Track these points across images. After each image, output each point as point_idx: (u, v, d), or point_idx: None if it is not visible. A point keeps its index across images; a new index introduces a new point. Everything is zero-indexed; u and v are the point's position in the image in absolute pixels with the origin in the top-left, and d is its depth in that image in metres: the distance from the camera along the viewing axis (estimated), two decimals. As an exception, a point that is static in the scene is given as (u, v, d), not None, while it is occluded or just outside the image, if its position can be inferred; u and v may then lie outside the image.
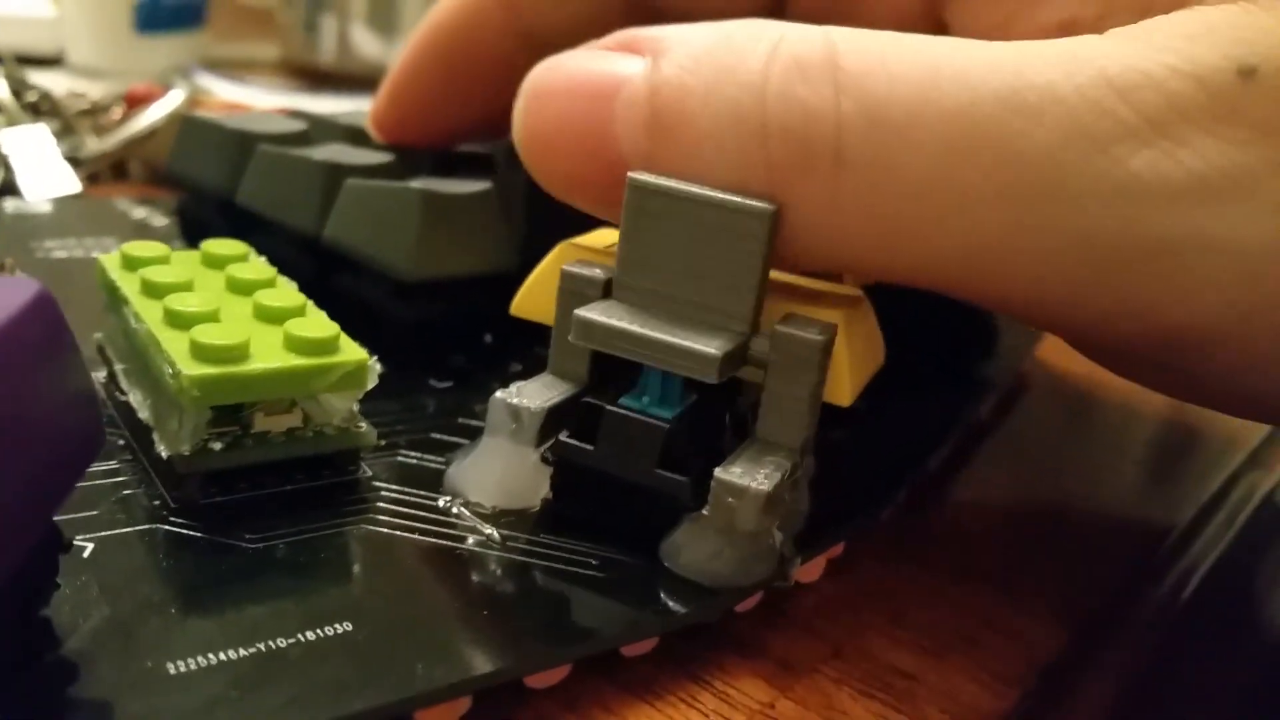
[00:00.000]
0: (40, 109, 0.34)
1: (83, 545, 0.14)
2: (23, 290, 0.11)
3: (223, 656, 0.13)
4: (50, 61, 0.46)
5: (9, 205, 0.27)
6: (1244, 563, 0.21)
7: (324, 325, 0.16)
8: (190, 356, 0.15)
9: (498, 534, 0.16)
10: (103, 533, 0.15)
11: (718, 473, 0.15)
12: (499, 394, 0.16)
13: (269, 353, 0.15)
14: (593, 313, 0.16)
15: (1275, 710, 0.17)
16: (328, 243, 0.22)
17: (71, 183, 0.29)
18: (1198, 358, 0.15)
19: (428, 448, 0.18)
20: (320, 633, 0.13)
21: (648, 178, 0.15)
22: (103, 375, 0.18)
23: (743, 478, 0.15)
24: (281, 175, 0.23)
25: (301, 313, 0.17)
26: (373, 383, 0.16)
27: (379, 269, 0.21)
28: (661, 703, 0.14)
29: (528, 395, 0.16)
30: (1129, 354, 0.17)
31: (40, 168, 0.29)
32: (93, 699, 0.12)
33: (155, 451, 0.16)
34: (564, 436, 0.16)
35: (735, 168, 0.15)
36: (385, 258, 0.21)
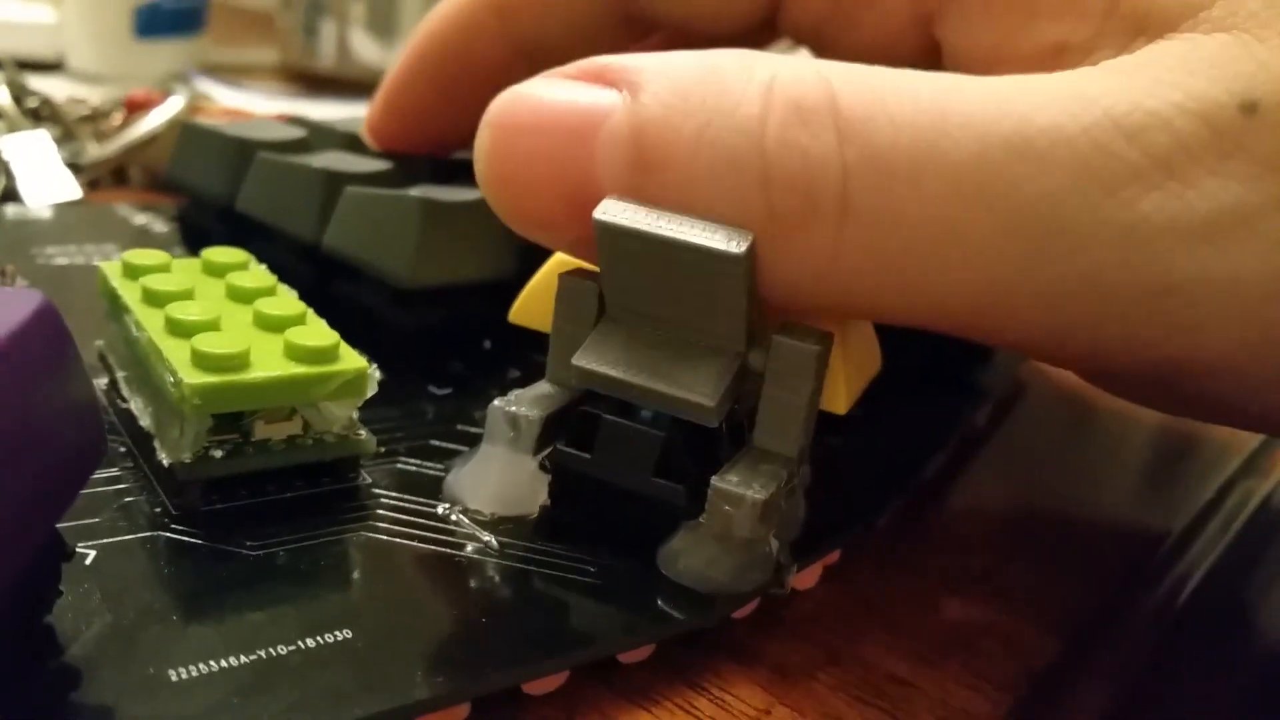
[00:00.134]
0: (41, 115, 0.34)
1: (85, 552, 0.14)
2: (26, 302, 0.11)
3: (224, 663, 0.13)
4: (50, 66, 0.46)
5: (9, 211, 0.27)
6: (1239, 568, 0.21)
7: (324, 334, 0.16)
8: (191, 365, 0.15)
9: (496, 541, 0.16)
10: (104, 540, 0.15)
11: (714, 481, 0.15)
12: (497, 402, 0.16)
13: (269, 361, 0.16)
14: (590, 360, 0.16)
15: (1270, 715, 0.17)
16: (327, 250, 0.22)
17: (72, 189, 0.29)
18: (1199, 386, 0.15)
19: (427, 455, 0.18)
20: (320, 640, 0.13)
21: (615, 219, 0.14)
22: (104, 382, 0.18)
23: (739, 486, 0.15)
24: (281, 183, 0.23)
25: (302, 321, 0.17)
26: (372, 391, 0.16)
27: (378, 276, 0.21)
28: (659, 709, 0.15)
29: (526, 403, 0.16)
30: (1133, 381, 0.17)
31: (41, 174, 0.29)
32: (95, 705, 0.12)
33: (156, 459, 0.16)
34: (562, 444, 0.16)
35: (732, 213, 0.14)
36: (384, 265, 0.21)
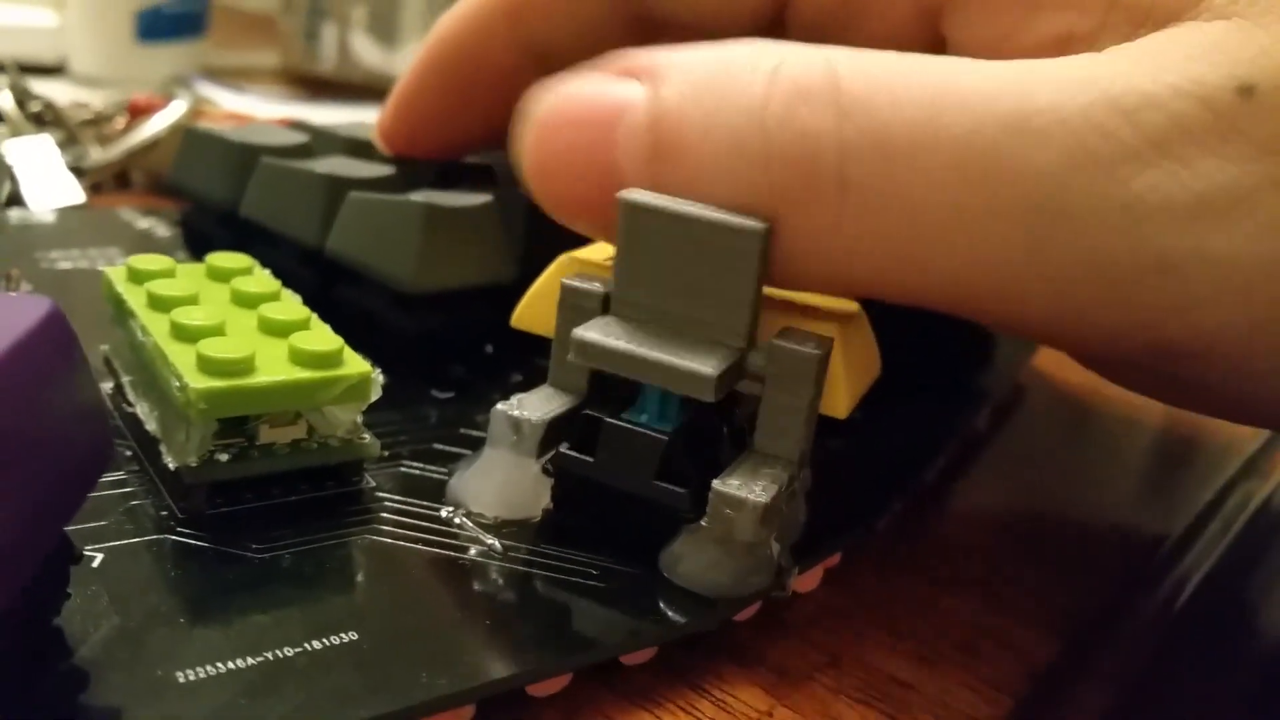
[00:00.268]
0: (44, 119, 0.34)
1: (92, 555, 0.14)
2: (35, 308, 0.12)
3: (230, 665, 0.13)
4: (52, 70, 0.46)
5: (13, 215, 0.28)
6: (1239, 570, 0.21)
7: (328, 338, 0.16)
8: (197, 370, 0.15)
9: (499, 544, 0.16)
10: (111, 543, 0.15)
11: (716, 484, 0.15)
12: (500, 406, 0.17)
13: (274, 366, 0.16)
14: (590, 332, 0.16)
15: (1270, 717, 0.17)
16: (330, 254, 0.22)
17: (75, 193, 0.30)
18: (1198, 369, 0.15)
19: (430, 458, 0.18)
20: (326, 642, 0.14)
21: (639, 196, 0.15)
22: (109, 387, 0.18)
23: (740, 489, 0.15)
24: (284, 188, 0.23)
25: (306, 326, 0.17)
26: (376, 395, 0.16)
27: (381, 281, 0.21)
28: (661, 711, 0.15)
29: (528, 407, 0.17)
30: (1129, 365, 0.17)
31: (45, 178, 0.30)
32: (103, 707, 0.12)
33: (162, 463, 0.16)
34: (564, 448, 0.16)
35: (738, 192, 0.15)
36: (387, 269, 0.21)
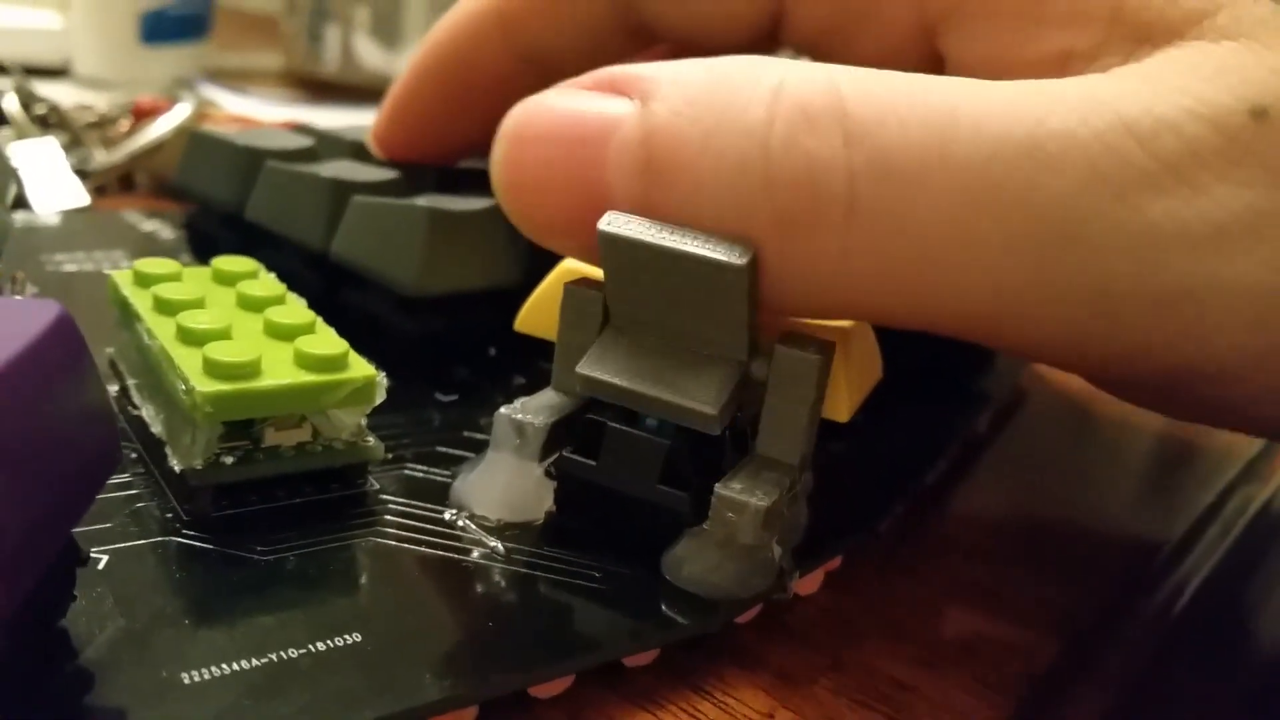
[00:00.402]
0: (49, 121, 0.34)
1: (98, 557, 0.15)
2: (44, 313, 0.12)
3: (235, 667, 0.13)
4: (56, 72, 0.46)
5: (18, 218, 0.28)
6: (1238, 574, 0.21)
7: (333, 342, 0.16)
8: (203, 373, 0.15)
9: (502, 547, 0.16)
10: (117, 545, 0.15)
11: (718, 488, 0.15)
12: (503, 409, 0.17)
13: (280, 369, 0.16)
14: (594, 368, 0.16)
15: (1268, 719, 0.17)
16: (335, 258, 0.22)
17: (80, 196, 0.30)
18: (1208, 393, 0.15)
19: (433, 461, 0.18)
20: (330, 643, 0.14)
21: (618, 230, 0.15)
22: (115, 390, 0.18)
23: (742, 493, 0.15)
24: (289, 191, 0.23)
25: (311, 330, 0.17)
26: (380, 398, 0.17)
27: (385, 284, 0.21)
28: (663, 712, 0.15)
29: (532, 411, 0.17)
30: (1142, 386, 0.17)
31: (49, 181, 0.30)
32: (109, 708, 0.12)
33: (168, 465, 0.16)
34: (567, 452, 0.16)
35: (737, 215, 0.14)
36: (391, 273, 0.21)
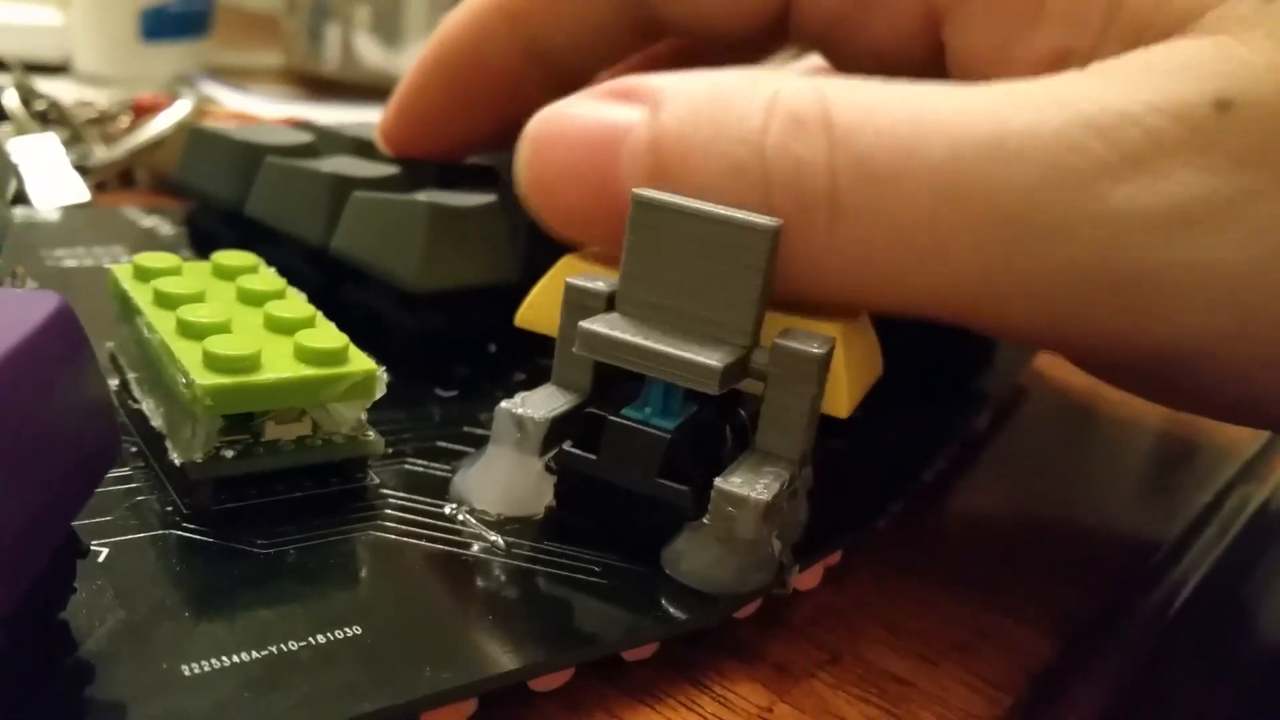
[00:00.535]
0: (49, 117, 0.34)
1: (98, 550, 0.15)
2: (44, 304, 0.12)
3: (235, 659, 0.13)
4: (56, 69, 0.46)
5: (19, 213, 0.28)
6: (1236, 572, 0.21)
7: (333, 336, 0.16)
8: (203, 367, 0.15)
9: (502, 541, 0.16)
10: (117, 538, 0.15)
11: (718, 483, 0.15)
12: (504, 404, 0.17)
13: (280, 363, 0.16)
14: (596, 325, 0.16)
15: (1264, 717, 0.17)
16: (335, 254, 0.22)
17: (80, 192, 0.30)
18: (1185, 372, 0.16)
19: (434, 456, 0.18)
20: (330, 636, 0.14)
21: (653, 194, 0.16)
22: (115, 383, 0.18)
23: (742, 488, 0.15)
24: (289, 187, 0.23)
25: (311, 324, 0.17)
26: (380, 392, 0.17)
27: (385, 280, 0.21)
28: (662, 706, 0.15)
29: (532, 405, 0.17)
30: (1121, 368, 0.18)
31: (50, 176, 0.30)
32: (109, 700, 0.12)
33: (168, 459, 0.16)
34: (567, 446, 0.16)
35: None
36: (392, 269, 0.21)
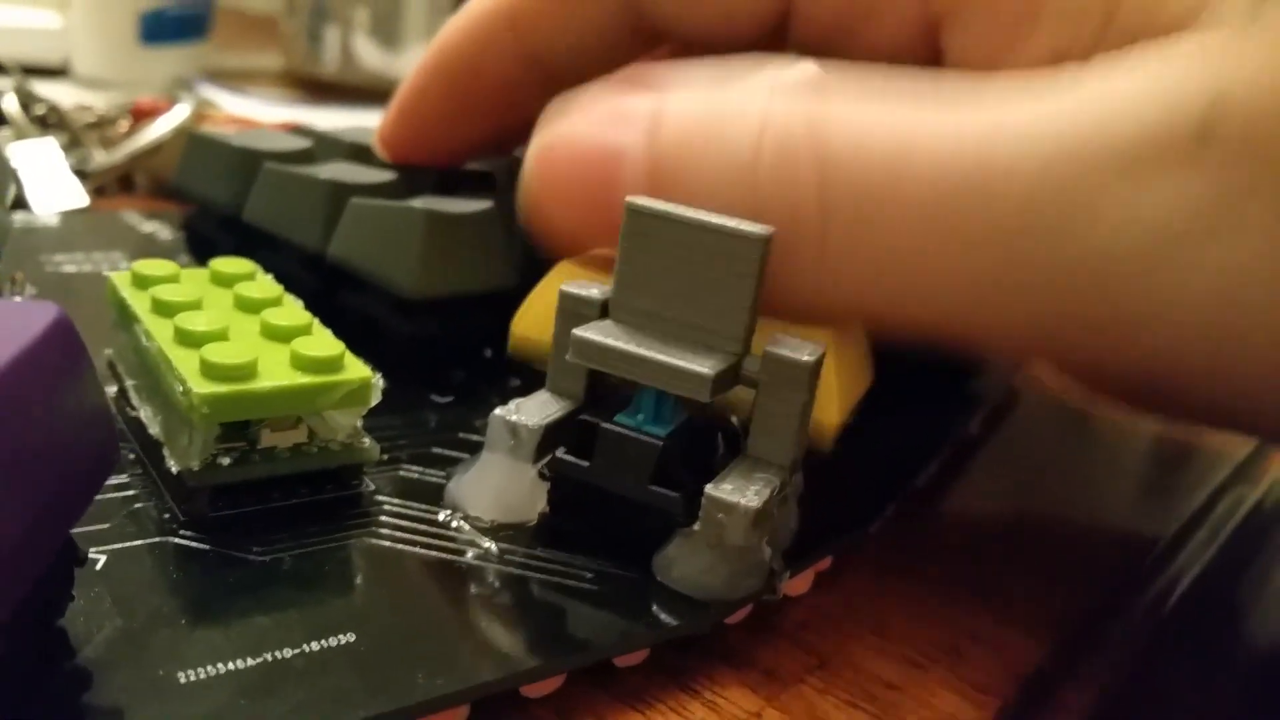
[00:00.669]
0: (48, 122, 0.34)
1: (96, 557, 0.15)
2: (42, 314, 0.12)
3: (231, 666, 0.13)
4: (55, 72, 0.46)
5: (17, 218, 0.28)
6: (1227, 574, 0.21)
7: (329, 344, 0.17)
8: (200, 375, 0.15)
9: (496, 547, 0.16)
10: (114, 545, 0.15)
11: (709, 489, 0.15)
12: (498, 411, 0.17)
13: (276, 371, 0.16)
14: (590, 332, 0.16)
15: (1257, 719, 0.17)
16: (332, 260, 0.22)
17: (79, 196, 0.30)
18: (1176, 383, 0.16)
19: (429, 462, 0.18)
20: (324, 643, 0.14)
21: (646, 202, 0.16)
22: (113, 391, 0.18)
23: (733, 494, 0.15)
24: (287, 193, 0.23)
25: (308, 331, 0.17)
26: (376, 400, 0.17)
27: (382, 286, 0.21)
28: (652, 711, 0.15)
29: (526, 413, 0.17)
30: (1114, 381, 0.17)
31: (49, 181, 0.30)
32: (106, 707, 0.12)
33: (165, 466, 0.16)
34: (561, 453, 0.17)
35: None
36: (388, 275, 0.21)
